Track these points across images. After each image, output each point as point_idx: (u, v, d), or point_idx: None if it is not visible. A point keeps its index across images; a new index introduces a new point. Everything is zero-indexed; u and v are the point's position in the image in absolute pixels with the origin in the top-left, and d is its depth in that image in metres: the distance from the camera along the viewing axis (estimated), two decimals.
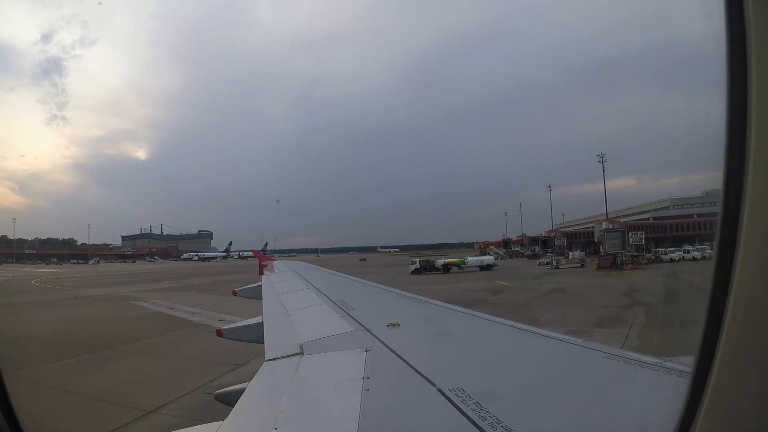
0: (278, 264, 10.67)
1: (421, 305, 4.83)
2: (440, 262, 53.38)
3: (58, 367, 12.79)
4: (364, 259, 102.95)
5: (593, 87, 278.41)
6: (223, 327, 5.01)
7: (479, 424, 1.72)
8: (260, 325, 4.35)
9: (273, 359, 3.06)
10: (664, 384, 1.99)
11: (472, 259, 56.37)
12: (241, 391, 2.50)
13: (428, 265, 52.17)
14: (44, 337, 17.38)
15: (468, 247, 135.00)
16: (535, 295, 27.86)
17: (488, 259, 56.99)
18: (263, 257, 12.80)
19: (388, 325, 3.51)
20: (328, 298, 5.30)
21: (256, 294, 7.00)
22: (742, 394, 1.13)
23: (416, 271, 50.42)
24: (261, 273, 9.52)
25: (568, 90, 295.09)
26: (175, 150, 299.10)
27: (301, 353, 3.07)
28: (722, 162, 1.13)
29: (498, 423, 1.72)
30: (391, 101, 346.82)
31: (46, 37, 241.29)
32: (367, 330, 3.51)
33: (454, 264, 53.47)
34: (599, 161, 64.67)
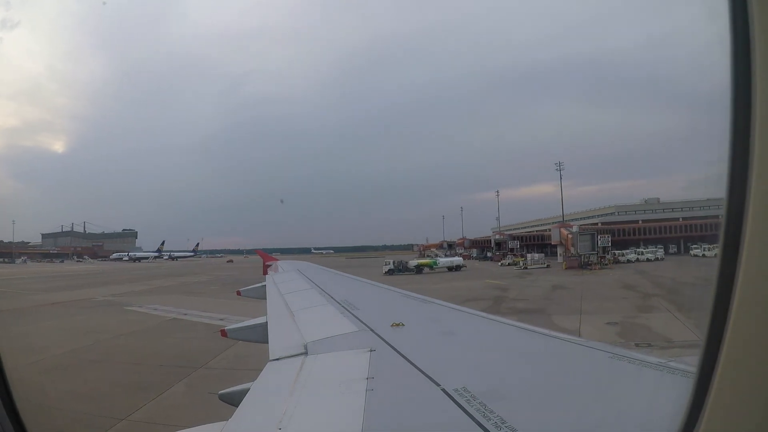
0: (282, 264, 10.50)
1: (424, 305, 4.85)
2: (413, 263, 55.28)
3: (176, 401, 10.11)
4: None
5: (517, 95, 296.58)
6: (227, 327, 4.95)
7: (483, 424, 1.72)
8: (264, 325, 4.34)
9: (277, 359, 3.04)
10: (668, 384, 2.01)
11: (443, 260, 59.35)
12: (245, 391, 2.49)
13: (401, 266, 53.76)
14: (86, 358, 13.80)
15: (402, 249, 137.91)
16: (545, 291, 29.86)
17: (458, 260, 59.76)
18: (267, 257, 12.30)
19: (392, 325, 3.53)
20: (332, 298, 5.29)
21: (260, 294, 6.87)
22: (746, 395, 1.13)
23: (390, 272, 51.30)
24: (265, 273, 9.34)
25: (491, 97, 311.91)
26: (96, 143, 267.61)
27: (305, 353, 3.07)
28: (726, 162, 1.14)
29: (502, 423, 1.72)
30: (317, 102, 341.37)
31: None
32: (371, 330, 3.49)
33: (426, 265, 55.75)
34: (556, 169, 70.00)
